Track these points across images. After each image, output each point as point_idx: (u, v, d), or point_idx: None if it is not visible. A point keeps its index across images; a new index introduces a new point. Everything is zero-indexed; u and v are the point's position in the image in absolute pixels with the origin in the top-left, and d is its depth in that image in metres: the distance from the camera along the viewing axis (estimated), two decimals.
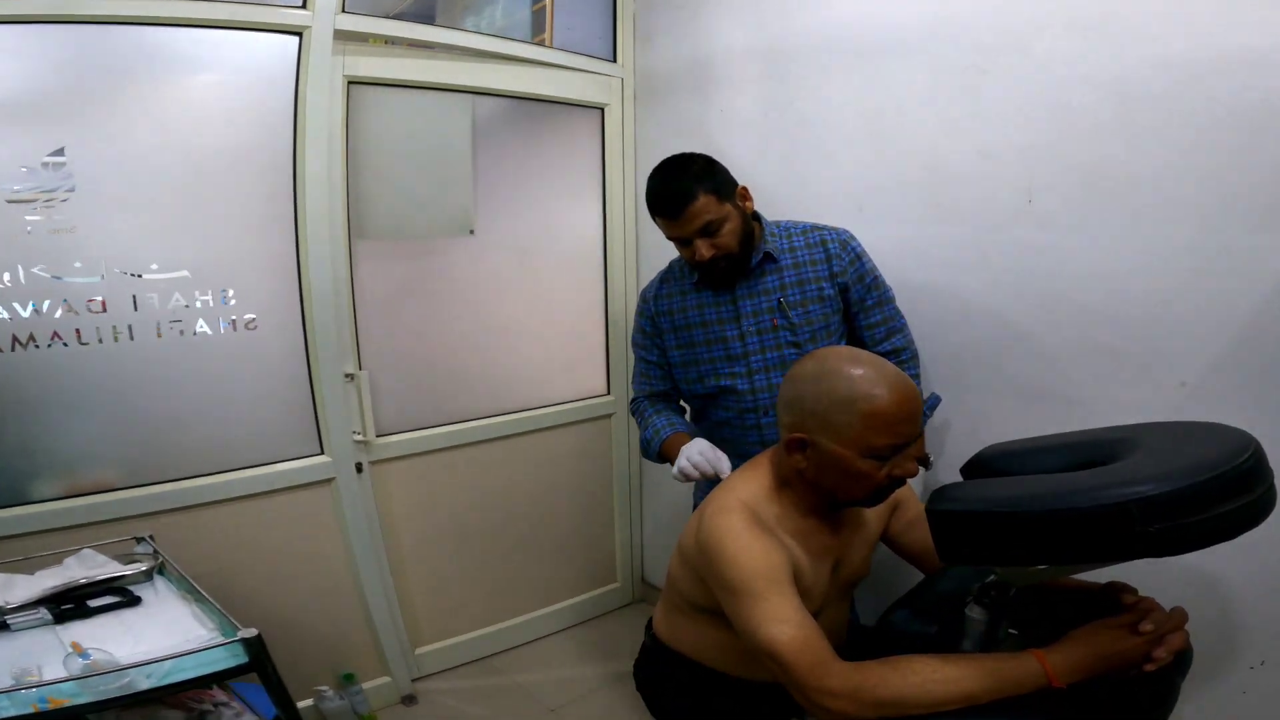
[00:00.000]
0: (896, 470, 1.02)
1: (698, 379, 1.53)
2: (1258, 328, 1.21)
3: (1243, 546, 1.20)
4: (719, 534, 1.01)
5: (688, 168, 1.40)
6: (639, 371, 1.64)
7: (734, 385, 1.48)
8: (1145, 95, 1.28)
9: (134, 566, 1.34)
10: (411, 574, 2.06)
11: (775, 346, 1.46)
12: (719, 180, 1.40)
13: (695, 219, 1.36)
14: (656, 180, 1.41)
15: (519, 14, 2.22)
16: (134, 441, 1.59)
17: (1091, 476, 0.77)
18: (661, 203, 1.39)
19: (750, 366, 1.47)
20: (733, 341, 1.48)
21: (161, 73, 1.56)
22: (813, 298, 1.46)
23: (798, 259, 1.47)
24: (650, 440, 1.52)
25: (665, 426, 1.51)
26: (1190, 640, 0.93)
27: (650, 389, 1.61)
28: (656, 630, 1.25)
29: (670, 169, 1.41)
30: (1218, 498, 0.70)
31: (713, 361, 1.50)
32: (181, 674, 1.04)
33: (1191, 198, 1.25)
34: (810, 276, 1.46)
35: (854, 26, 1.68)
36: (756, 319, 1.46)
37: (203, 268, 1.62)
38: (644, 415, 1.58)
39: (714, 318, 1.49)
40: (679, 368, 1.56)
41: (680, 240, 1.41)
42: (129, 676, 1.00)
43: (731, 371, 1.48)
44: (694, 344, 1.52)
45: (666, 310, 1.55)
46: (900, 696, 0.86)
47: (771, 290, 1.46)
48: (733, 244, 1.39)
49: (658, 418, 1.54)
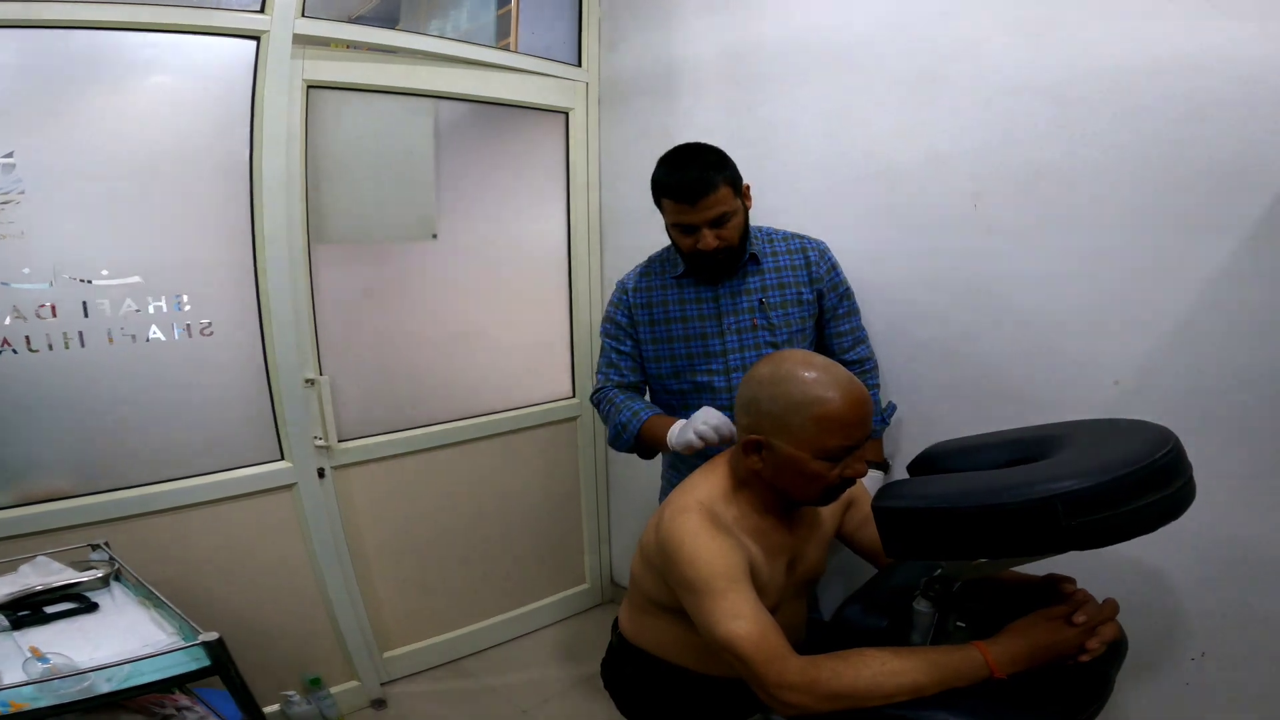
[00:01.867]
0: (848, 471, 1.05)
1: (673, 374, 1.53)
2: (1187, 327, 1.27)
3: (1179, 541, 1.26)
4: (678, 534, 1.04)
5: (708, 156, 1.39)
6: (607, 361, 1.59)
7: (711, 382, 1.49)
8: (1081, 100, 1.33)
9: (90, 573, 1.33)
10: (377, 578, 2.05)
11: (754, 345, 1.48)
12: (734, 172, 1.41)
13: (712, 208, 1.36)
14: (675, 166, 1.39)
15: (484, 18, 2.22)
16: (86, 449, 1.57)
17: (1020, 474, 0.81)
18: (681, 189, 1.36)
19: (729, 364, 1.49)
20: (712, 338, 1.49)
21: (115, 77, 1.54)
22: (791, 300, 1.49)
23: (779, 263, 1.50)
24: (627, 423, 1.47)
25: (643, 409, 1.47)
26: (1124, 632, 0.97)
27: (620, 380, 1.57)
28: (622, 629, 1.27)
29: (690, 155, 1.40)
30: (1136, 492, 0.74)
31: (690, 357, 1.51)
32: (141, 678, 1.04)
33: (1124, 201, 1.31)
34: (790, 280, 1.50)
35: (814, 33, 1.72)
36: (737, 318, 1.48)
37: (156, 273, 1.60)
38: (615, 402, 1.53)
39: (695, 314, 1.50)
40: (653, 362, 1.55)
41: (688, 227, 1.39)
42: (89, 680, 1.00)
43: (709, 368, 1.50)
44: (672, 339, 1.52)
45: (645, 303, 1.54)
46: (852, 689, 0.89)
47: (753, 291, 1.49)
48: (735, 237, 1.41)
49: (633, 402, 1.50)
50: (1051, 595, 0.99)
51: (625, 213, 2.25)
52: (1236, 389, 1.24)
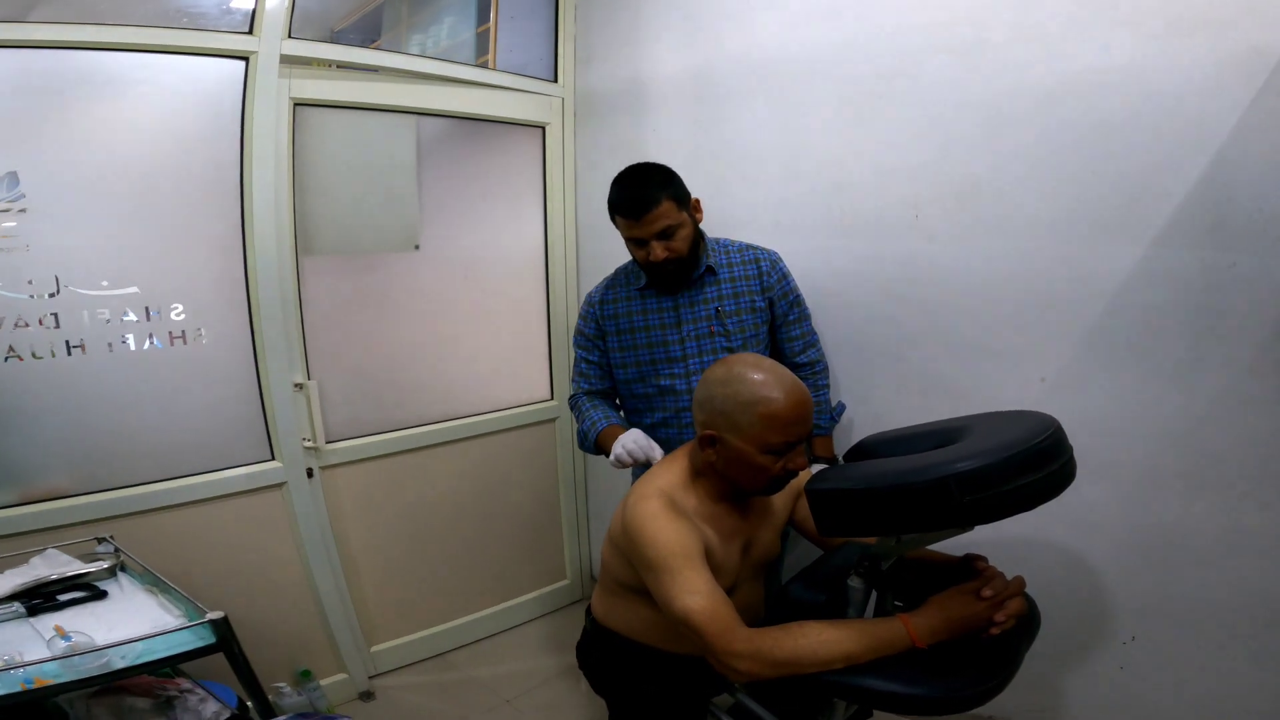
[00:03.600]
0: (790, 464, 1.15)
1: (638, 379, 1.65)
2: (1101, 328, 1.39)
3: (1103, 531, 1.37)
4: (640, 518, 1.13)
5: (653, 175, 1.53)
6: (578, 371, 1.74)
7: (673, 385, 1.61)
8: (1008, 117, 1.45)
9: (98, 564, 1.40)
10: (365, 575, 2.12)
11: (712, 351, 1.60)
12: (679, 189, 1.54)
13: (656, 222, 1.49)
14: (623, 184, 1.54)
15: (463, 35, 2.31)
16: (88, 451, 1.63)
17: (925, 458, 0.92)
18: (627, 205, 1.51)
19: (689, 368, 1.60)
20: (673, 345, 1.61)
21: (112, 95, 1.61)
22: (746, 308, 1.60)
23: (734, 273, 1.62)
24: (587, 432, 1.63)
25: (601, 419, 1.62)
26: (1037, 610, 1.07)
27: (590, 387, 1.72)
28: (595, 613, 1.35)
29: (637, 175, 1.54)
30: (1018, 471, 0.85)
31: (654, 363, 1.63)
32: (153, 654, 1.11)
33: (1044, 211, 1.42)
34: (744, 290, 1.61)
35: (773, 52, 1.82)
36: (695, 325, 1.60)
37: (152, 284, 1.67)
38: (581, 409, 1.69)
39: (657, 322, 1.62)
40: (620, 368, 1.67)
41: (637, 240, 1.52)
42: (106, 656, 1.08)
43: (671, 373, 1.61)
44: (636, 346, 1.64)
45: (612, 314, 1.67)
46: (793, 656, 0.99)
47: (710, 300, 1.60)
48: (684, 249, 1.53)
49: (594, 411, 1.65)
50: (969, 573, 1.10)
51: (600, 223, 2.32)
52: (1148, 385, 1.36)
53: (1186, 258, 1.29)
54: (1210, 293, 1.28)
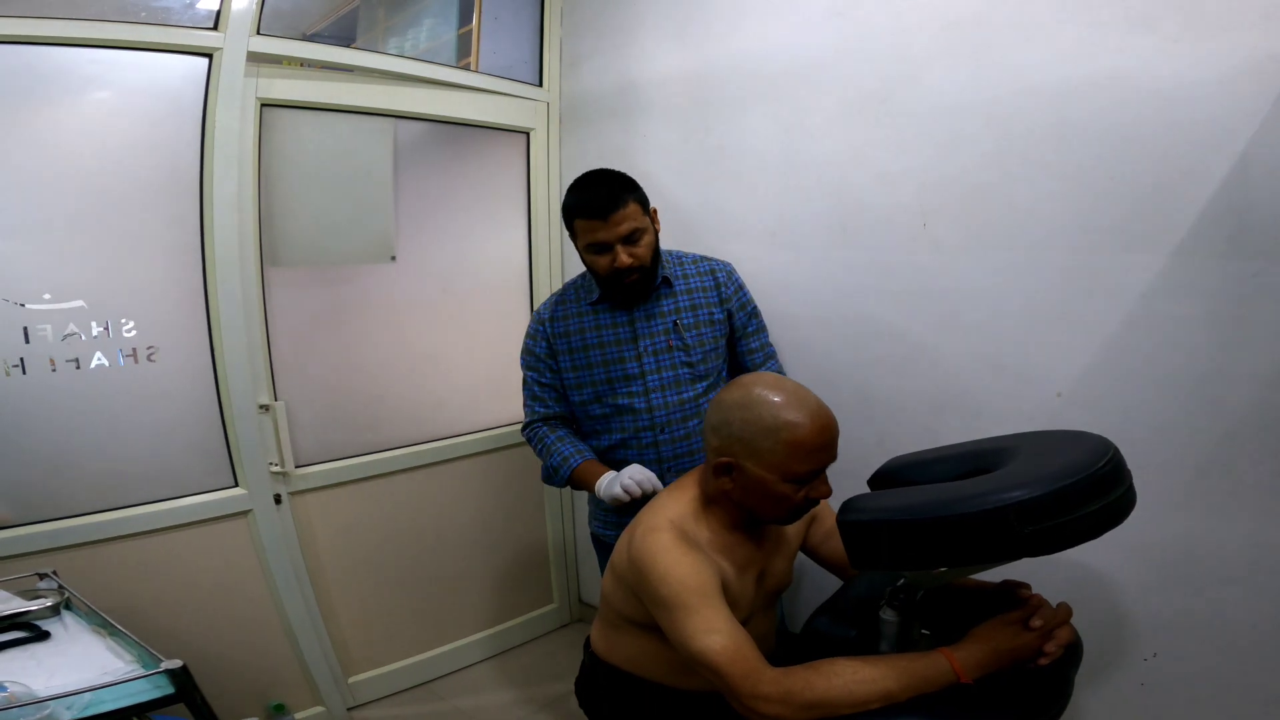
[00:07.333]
0: (813, 493, 1.08)
1: (594, 399, 1.55)
2: (1120, 341, 1.35)
3: (1123, 546, 1.32)
4: (650, 552, 1.05)
5: (616, 176, 1.46)
6: (531, 395, 1.61)
7: (631, 404, 1.52)
8: (1017, 121, 1.40)
9: (39, 602, 1.28)
10: (339, 603, 2.01)
11: (670, 366, 1.52)
12: (642, 194, 1.47)
13: (623, 223, 1.40)
14: (585, 185, 1.46)
15: (445, 36, 2.22)
16: (28, 478, 1.52)
17: (974, 485, 0.85)
18: (592, 205, 1.41)
19: (647, 385, 1.51)
20: (630, 362, 1.52)
21: (58, 94, 1.50)
22: (704, 321, 1.53)
23: (690, 285, 1.55)
24: (558, 468, 1.52)
25: (573, 455, 1.52)
26: (1079, 634, 1.01)
27: (547, 412, 1.60)
28: (595, 647, 1.27)
29: (599, 176, 1.47)
30: (1083, 500, 0.78)
31: (610, 381, 1.53)
32: (102, 706, 1.00)
33: (1059, 220, 1.38)
34: (701, 302, 1.54)
35: (770, 56, 1.76)
36: (653, 340, 1.51)
37: (100, 297, 1.56)
38: (545, 442, 1.57)
39: (611, 339, 1.53)
40: (574, 389, 1.56)
41: (602, 245, 1.42)
42: (49, 709, 0.96)
43: (629, 390, 1.52)
44: (591, 365, 1.54)
45: (564, 332, 1.56)
46: (826, 698, 0.92)
47: (667, 313, 1.52)
48: (647, 256, 1.45)
49: (562, 445, 1.54)
50: (1008, 601, 1.04)
51: None
52: (1169, 400, 1.32)
53: (1207, 267, 1.25)
54: (1233, 303, 1.24)
